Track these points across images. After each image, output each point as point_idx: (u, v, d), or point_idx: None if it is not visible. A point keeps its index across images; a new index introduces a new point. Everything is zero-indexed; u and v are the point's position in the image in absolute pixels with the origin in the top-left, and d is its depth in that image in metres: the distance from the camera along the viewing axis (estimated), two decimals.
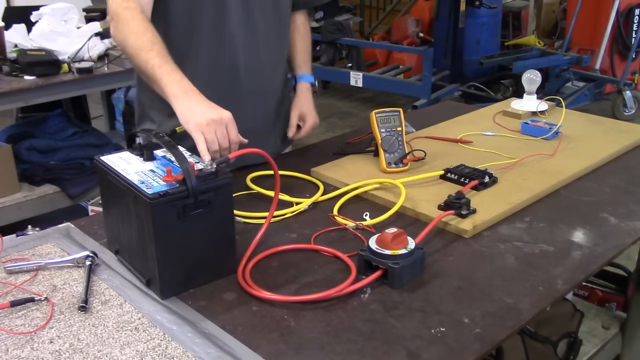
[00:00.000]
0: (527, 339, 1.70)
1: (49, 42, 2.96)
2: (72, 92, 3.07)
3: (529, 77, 1.94)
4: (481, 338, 0.98)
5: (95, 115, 4.21)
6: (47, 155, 3.20)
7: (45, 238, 1.29)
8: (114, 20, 1.37)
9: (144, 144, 1.18)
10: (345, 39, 5.56)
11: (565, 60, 5.15)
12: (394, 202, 1.37)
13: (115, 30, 1.37)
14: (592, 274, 1.21)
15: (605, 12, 5.19)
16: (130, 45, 1.33)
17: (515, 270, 1.17)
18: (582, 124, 1.89)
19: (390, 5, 6.96)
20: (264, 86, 1.60)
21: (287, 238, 1.28)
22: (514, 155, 1.62)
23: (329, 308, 1.05)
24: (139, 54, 1.31)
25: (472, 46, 5.61)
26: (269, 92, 1.63)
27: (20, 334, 0.99)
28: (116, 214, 1.17)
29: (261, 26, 1.53)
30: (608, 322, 2.03)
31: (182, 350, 0.94)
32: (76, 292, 1.10)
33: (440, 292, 1.10)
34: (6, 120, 4.03)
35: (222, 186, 1.08)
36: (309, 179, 1.55)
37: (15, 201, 3.00)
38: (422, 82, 4.93)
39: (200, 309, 1.05)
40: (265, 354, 0.94)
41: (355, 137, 1.77)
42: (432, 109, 2.66)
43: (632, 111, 5.00)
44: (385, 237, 1.12)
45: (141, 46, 1.31)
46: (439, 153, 1.65)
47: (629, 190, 1.50)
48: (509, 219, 1.35)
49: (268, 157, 1.19)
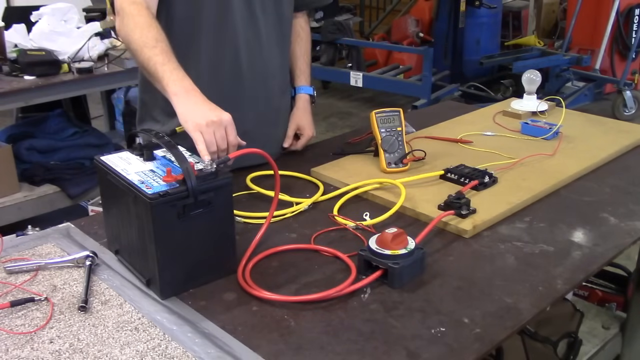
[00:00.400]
0: (527, 339, 1.70)
1: (49, 42, 2.96)
2: (72, 92, 3.07)
3: (529, 77, 1.94)
4: (481, 338, 0.98)
5: (95, 115, 4.21)
6: (47, 155, 3.20)
7: (45, 238, 1.29)
8: (120, 15, 1.37)
9: (144, 144, 1.18)
10: (345, 39, 5.56)
11: (565, 60, 5.15)
12: (394, 202, 1.37)
13: (121, 25, 1.37)
14: (592, 274, 1.21)
15: (605, 12, 5.19)
16: (134, 41, 1.33)
17: (515, 270, 1.17)
18: (582, 124, 1.89)
19: (390, 5, 6.96)
20: (265, 86, 1.60)
21: (287, 238, 1.28)
22: (514, 155, 1.62)
23: (329, 308, 1.05)
24: (142, 50, 1.31)
25: (472, 46, 5.61)
26: (270, 92, 1.63)
27: (20, 334, 0.99)
28: (116, 214, 1.17)
29: (262, 25, 1.53)
30: (608, 322, 2.03)
31: (182, 350, 0.94)
32: (76, 292, 1.10)
33: (440, 292, 1.10)
34: (6, 120, 4.03)
35: (222, 186, 1.08)
36: (309, 179, 1.55)
37: (15, 201, 3.00)
38: (422, 82, 4.94)
39: (200, 309, 1.05)
40: (265, 354, 0.94)
41: (355, 137, 1.77)
42: (432, 109, 2.66)
43: (632, 111, 5.00)
44: (385, 237, 1.12)
45: (145, 42, 1.31)
46: (439, 153, 1.65)
47: (629, 190, 1.50)
48: (509, 219, 1.35)
49: (268, 157, 1.19)
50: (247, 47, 1.52)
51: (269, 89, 1.62)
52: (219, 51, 1.50)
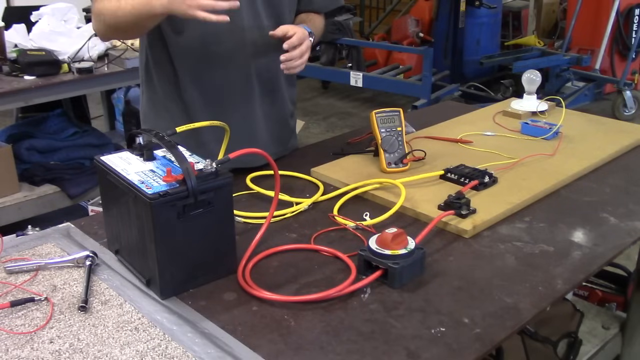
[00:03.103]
0: (527, 339, 1.70)
1: (49, 42, 2.96)
2: (72, 92, 3.07)
3: (529, 77, 1.94)
4: (481, 338, 0.98)
5: (95, 115, 4.21)
6: (47, 155, 3.20)
7: (45, 238, 1.29)
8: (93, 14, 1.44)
9: (144, 144, 1.18)
10: (345, 39, 5.55)
11: (565, 60, 5.15)
12: (394, 202, 1.37)
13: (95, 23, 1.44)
14: (592, 274, 1.21)
15: (605, 12, 5.19)
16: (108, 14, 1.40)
17: (515, 270, 1.17)
18: (582, 124, 1.89)
19: (390, 5, 6.96)
20: (273, 86, 1.62)
21: (287, 238, 1.28)
22: (514, 155, 1.62)
23: (329, 308, 1.05)
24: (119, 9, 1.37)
25: (472, 46, 5.61)
26: (277, 91, 1.64)
27: (20, 334, 0.99)
28: (116, 214, 1.17)
29: (266, 26, 1.54)
30: (608, 322, 2.03)
31: (182, 350, 0.94)
32: (76, 292, 1.10)
33: (440, 292, 1.10)
34: (6, 120, 4.03)
35: (222, 186, 1.08)
36: (309, 179, 1.55)
37: (15, 201, 3.00)
38: (422, 82, 4.93)
39: (200, 309, 1.05)
40: (265, 354, 0.94)
41: (355, 137, 1.77)
42: (432, 109, 2.66)
43: (632, 111, 5.00)
44: (385, 237, 1.12)
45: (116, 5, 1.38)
46: (439, 153, 1.65)
47: (629, 190, 1.50)
48: (509, 219, 1.35)
49: (268, 157, 1.19)
50: (253, 45, 1.53)
51: (275, 89, 1.63)
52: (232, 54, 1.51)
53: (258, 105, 1.60)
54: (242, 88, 1.55)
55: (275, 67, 1.61)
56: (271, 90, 1.62)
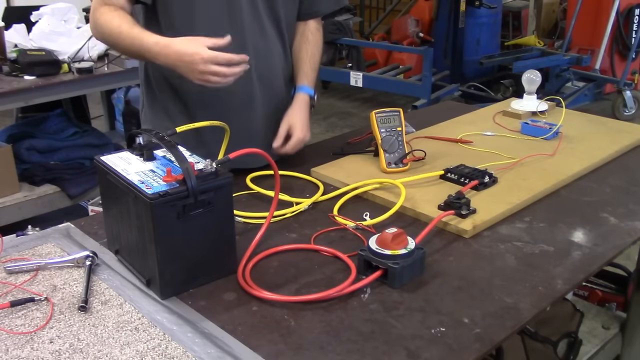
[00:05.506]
0: (527, 339, 1.70)
1: (49, 42, 2.96)
2: (72, 92, 3.07)
3: (529, 77, 1.94)
4: (481, 338, 0.98)
5: (95, 115, 4.20)
6: (47, 155, 3.20)
7: (45, 238, 1.29)
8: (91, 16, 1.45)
9: (144, 144, 1.18)
10: (345, 39, 5.55)
11: (565, 60, 5.14)
12: (394, 202, 1.37)
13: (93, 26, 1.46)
14: (592, 274, 1.21)
15: (605, 12, 5.19)
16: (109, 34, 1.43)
17: (515, 270, 1.17)
18: (582, 124, 1.89)
19: (390, 5, 6.96)
20: (271, 86, 1.61)
21: (287, 238, 1.28)
22: (514, 155, 1.62)
23: (329, 308, 1.05)
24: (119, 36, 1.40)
25: (472, 46, 5.61)
26: (276, 92, 1.64)
27: (20, 334, 0.99)
28: (116, 214, 1.17)
29: (266, 24, 1.54)
30: (608, 322, 2.03)
31: (182, 350, 0.94)
32: (76, 292, 1.10)
33: (440, 292, 1.10)
34: (6, 120, 4.03)
35: (222, 186, 1.08)
36: (309, 179, 1.55)
37: (15, 201, 3.00)
38: (422, 82, 4.93)
39: (200, 309, 1.05)
40: (265, 354, 0.94)
41: (355, 137, 1.77)
42: (432, 109, 2.66)
43: (632, 111, 5.00)
44: (385, 237, 1.12)
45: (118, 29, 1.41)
46: (439, 153, 1.65)
47: (629, 190, 1.50)
48: (509, 219, 1.35)
49: (268, 157, 1.19)
50: (254, 47, 1.52)
51: (275, 89, 1.63)
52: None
53: (258, 106, 1.60)
54: (243, 88, 1.55)
55: (275, 67, 1.61)
56: (271, 90, 1.62)
